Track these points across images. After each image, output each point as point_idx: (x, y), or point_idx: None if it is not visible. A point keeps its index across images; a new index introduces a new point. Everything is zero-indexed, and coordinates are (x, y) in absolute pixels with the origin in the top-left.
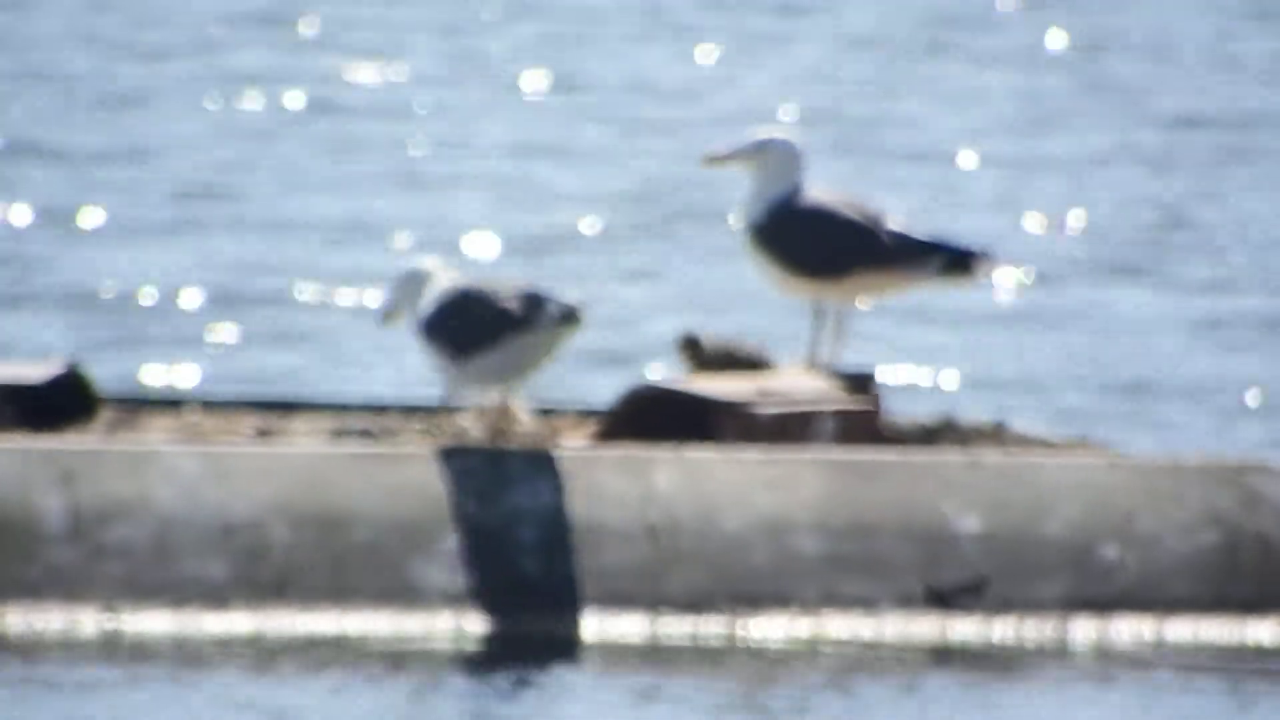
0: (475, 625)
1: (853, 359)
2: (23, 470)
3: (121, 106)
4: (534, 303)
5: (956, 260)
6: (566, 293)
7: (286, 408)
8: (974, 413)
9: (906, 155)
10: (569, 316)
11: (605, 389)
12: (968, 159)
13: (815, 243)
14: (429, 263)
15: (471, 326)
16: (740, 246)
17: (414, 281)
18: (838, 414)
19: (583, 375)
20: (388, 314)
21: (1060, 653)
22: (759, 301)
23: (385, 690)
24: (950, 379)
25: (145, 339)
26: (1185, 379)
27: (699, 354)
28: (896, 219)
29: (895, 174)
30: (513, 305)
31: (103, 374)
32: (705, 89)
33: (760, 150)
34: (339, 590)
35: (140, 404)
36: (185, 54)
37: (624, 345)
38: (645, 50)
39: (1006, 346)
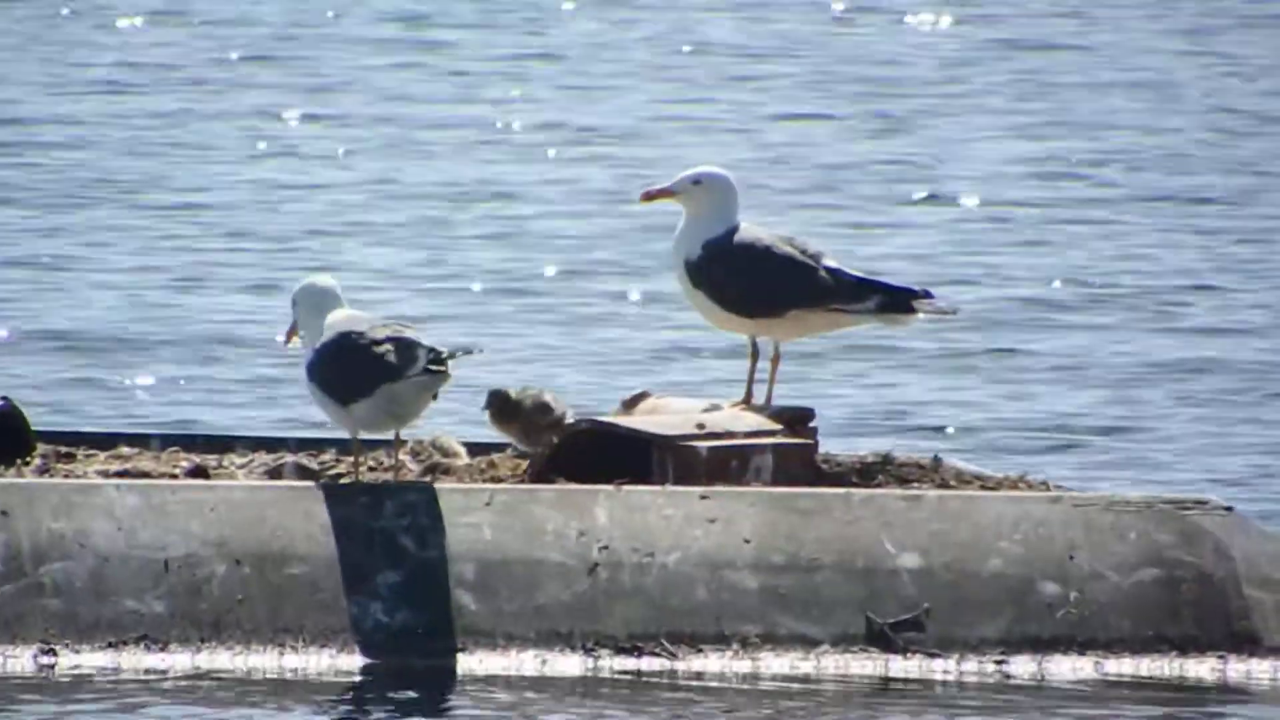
0: (414, 662)
1: (788, 395)
2: None
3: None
4: (405, 349)
5: (894, 299)
6: (439, 339)
7: (221, 444)
8: (910, 449)
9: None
10: (435, 365)
11: None
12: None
13: (752, 280)
14: (324, 280)
15: (348, 375)
16: (677, 282)
17: (308, 298)
18: (775, 449)
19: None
20: (289, 332)
21: (1000, 689)
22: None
23: None
24: (884, 415)
25: (77, 377)
26: (1114, 419)
27: (507, 407)
28: (833, 257)
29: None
30: (387, 353)
31: (35, 411)
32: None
33: (695, 185)
34: (277, 628)
35: (75, 441)
36: None
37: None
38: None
39: (939, 384)
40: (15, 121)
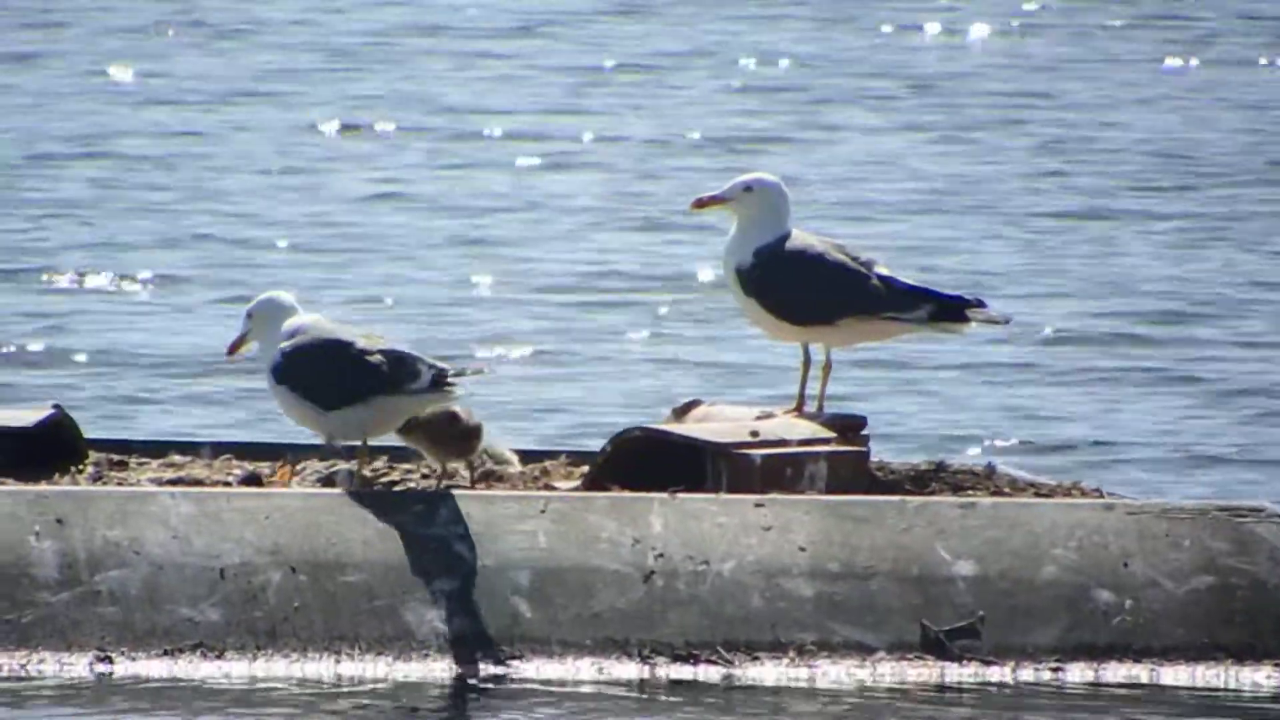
0: (470, 670)
1: (841, 403)
2: (14, 515)
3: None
4: (404, 364)
5: (947, 308)
6: (432, 356)
7: (273, 451)
8: (963, 457)
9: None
10: (440, 381)
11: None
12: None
13: (805, 289)
14: (285, 296)
15: (336, 382)
16: (729, 289)
17: (268, 312)
18: (829, 457)
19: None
20: (236, 343)
21: (1055, 697)
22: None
23: None
24: (937, 423)
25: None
26: (1161, 429)
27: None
28: (885, 266)
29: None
30: (383, 365)
31: (86, 419)
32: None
33: (747, 192)
34: (333, 635)
35: (127, 449)
36: None
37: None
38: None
39: (992, 393)
40: (95, 136)
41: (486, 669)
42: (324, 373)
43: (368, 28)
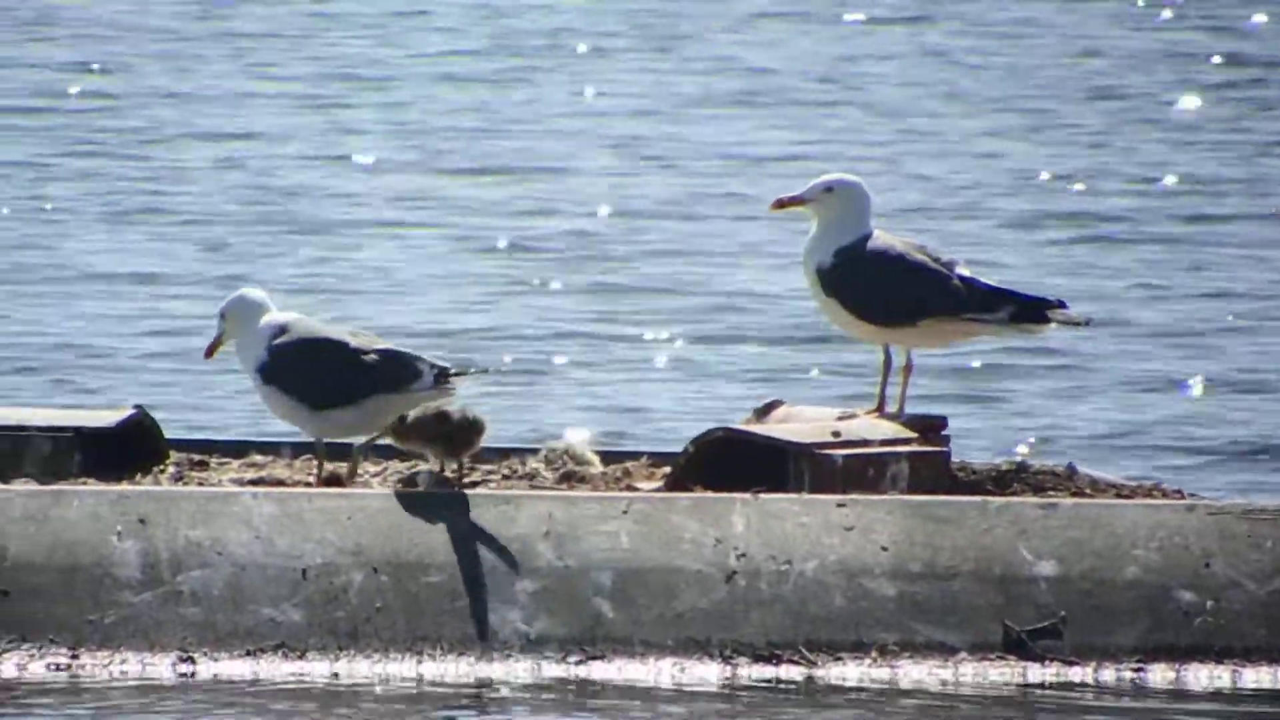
0: (552, 670)
1: (922, 403)
2: (96, 515)
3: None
4: (404, 363)
5: (1027, 309)
6: (431, 354)
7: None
8: (1043, 457)
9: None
10: (442, 379)
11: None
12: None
13: (886, 289)
14: (256, 292)
15: (329, 382)
16: (809, 289)
17: (240, 310)
18: (910, 457)
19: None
20: (213, 345)
21: (1137, 697)
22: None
23: None
24: (1017, 423)
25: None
26: (1242, 431)
27: (400, 428)
28: (966, 266)
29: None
30: (379, 364)
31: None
32: None
33: (828, 193)
34: (415, 636)
35: (208, 449)
36: None
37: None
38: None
39: (1071, 393)
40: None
41: (569, 670)
42: (316, 372)
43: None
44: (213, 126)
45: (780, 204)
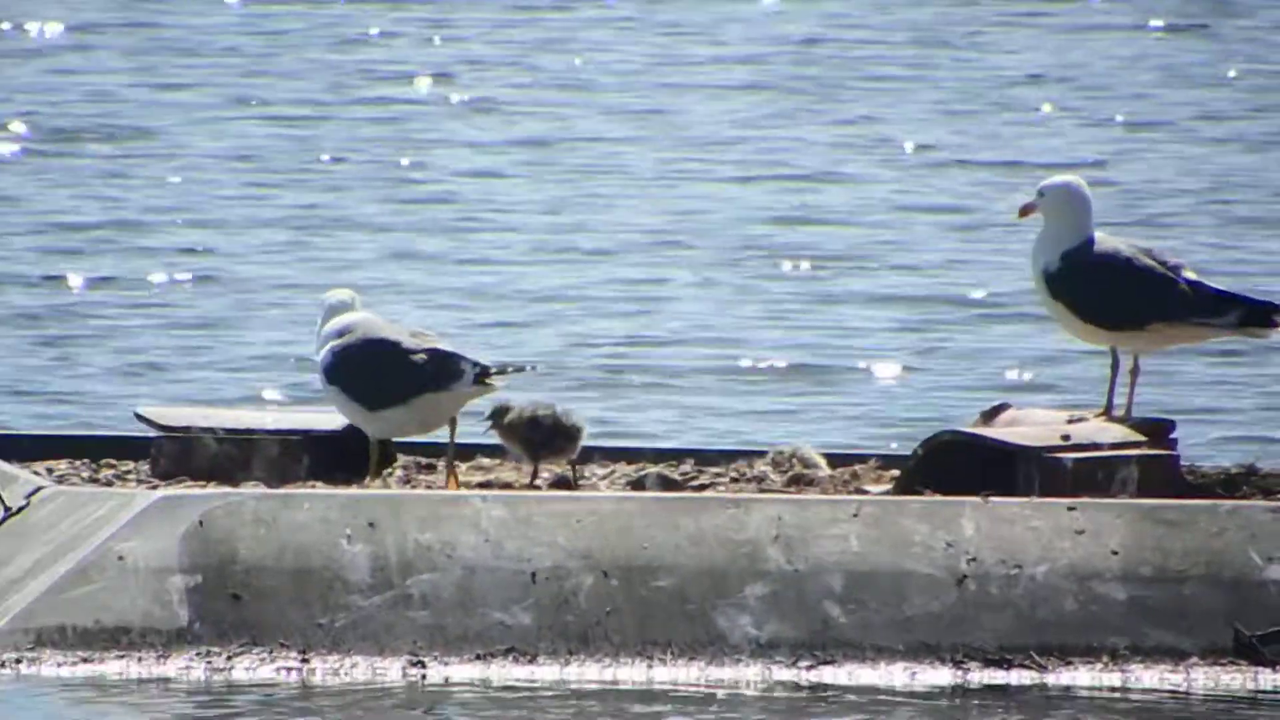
0: (782, 674)
1: (1149, 406)
2: (325, 519)
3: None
4: (448, 362)
5: (1255, 313)
6: (477, 352)
7: (580, 455)
8: (1272, 460)
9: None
10: (482, 378)
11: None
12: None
13: (1112, 293)
14: (335, 295)
15: (381, 382)
16: (1035, 293)
17: (322, 313)
18: (1140, 461)
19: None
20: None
21: None
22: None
23: None
24: (1245, 427)
25: None
26: None
27: (501, 420)
28: (1192, 270)
29: None
30: (426, 363)
31: None
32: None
33: (1050, 196)
34: (645, 640)
35: (435, 453)
36: None
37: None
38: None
39: None
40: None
41: (799, 674)
42: (370, 372)
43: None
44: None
45: (1024, 211)
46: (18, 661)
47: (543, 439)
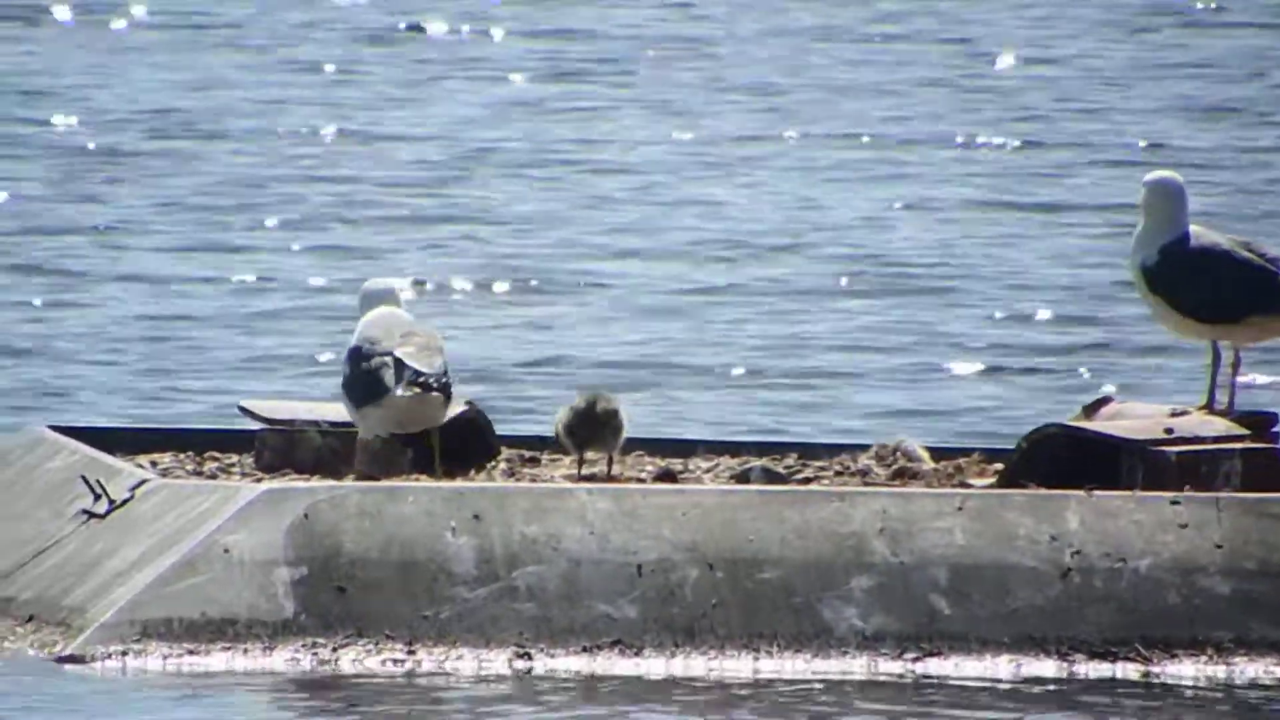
0: (888, 667)
1: (1250, 400)
2: (430, 512)
3: None
4: (396, 370)
5: None
6: (431, 362)
7: (683, 448)
8: None
9: None
10: (415, 387)
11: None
12: None
13: (1211, 286)
14: (378, 283)
15: (355, 383)
16: (1135, 288)
17: (363, 303)
18: (1243, 454)
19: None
20: None
21: None
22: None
23: None
24: None
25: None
26: None
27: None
28: None
29: None
30: (382, 370)
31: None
32: None
33: (1147, 190)
34: (751, 633)
35: (538, 445)
36: None
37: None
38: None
39: None
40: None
41: (904, 666)
42: (350, 373)
43: None
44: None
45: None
46: (124, 654)
47: (584, 432)
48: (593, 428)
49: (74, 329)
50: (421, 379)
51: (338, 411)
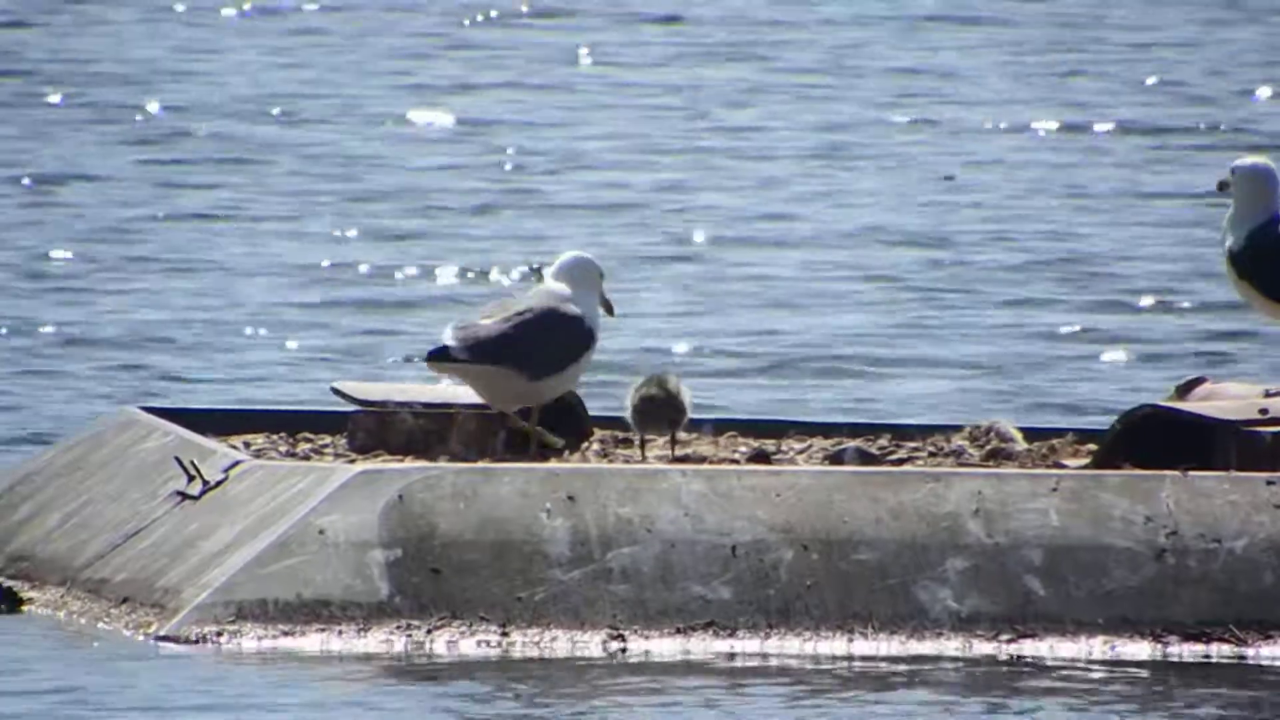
0: (983, 648)
1: None
2: (525, 493)
3: None
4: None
5: None
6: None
7: (775, 429)
8: None
9: None
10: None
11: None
12: None
13: None
14: (569, 256)
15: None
16: (1225, 273)
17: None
18: None
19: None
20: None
21: None
22: None
23: (899, 710)
24: None
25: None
26: None
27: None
28: None
29: None
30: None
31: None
32: None
33: (1239, 176)
34: (846, 614)
35: (628, 426)
36: None
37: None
38: None
39: None
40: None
41: (999, 647)
42: None
43: None
44: None
45: (1220, 186)
46: (219, 635)
47: (648, 411)
48: (656, 410)
49: (179, 314)
50: (430, 350)
51: (431, 393)
